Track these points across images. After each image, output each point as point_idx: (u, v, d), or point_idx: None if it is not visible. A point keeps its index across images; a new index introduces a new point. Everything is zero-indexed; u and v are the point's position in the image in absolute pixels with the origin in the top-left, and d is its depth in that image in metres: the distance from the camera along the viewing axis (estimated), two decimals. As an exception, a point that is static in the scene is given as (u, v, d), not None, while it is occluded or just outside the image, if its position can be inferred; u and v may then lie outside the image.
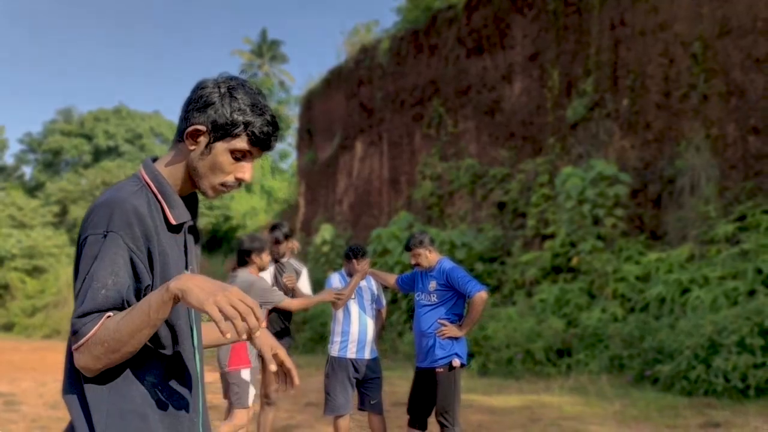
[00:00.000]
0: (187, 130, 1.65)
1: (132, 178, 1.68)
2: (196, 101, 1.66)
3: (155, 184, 1.65)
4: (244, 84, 1.69)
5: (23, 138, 54.43)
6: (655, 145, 12.65)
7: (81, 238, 1.55)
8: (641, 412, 7.71)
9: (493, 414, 8.05)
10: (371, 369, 5.49)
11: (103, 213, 1.54)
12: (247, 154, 1.68)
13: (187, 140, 1.66)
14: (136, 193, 1.60)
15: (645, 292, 11.01)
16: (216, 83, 1.67)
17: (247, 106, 1.64)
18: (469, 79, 17.89)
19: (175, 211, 1.66)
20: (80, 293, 1.49)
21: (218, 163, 1.66)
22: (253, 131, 1.64)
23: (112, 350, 1.47)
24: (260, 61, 55.62)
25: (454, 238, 15.13)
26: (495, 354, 11.76)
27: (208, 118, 1.64)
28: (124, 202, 1.55)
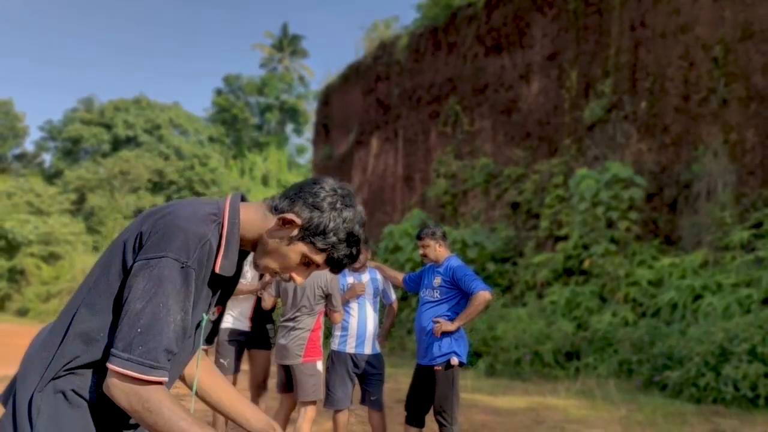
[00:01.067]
0: (285, 214, 1.65)
1: (214, 206, 1.66)
2: (309, 195, 1.68)
3: (228, 229, 1.63)
4: (356, 208, 1.72)
5: (44, 125, 54.96)
6: (672, 148, 12.49)
7: (154, 253, 1.49)
8: (647, 418, 7.61)
9: (497, 415, 7.98)
10: (371, 365, 5.43)
11: (187, 242, 1.51)
12: (314, 266, 1.72)
13: (278, 219, 1.67)
14: (213, 230, 1.59)
15: (657, 297, 10.88)
16: (334, 192, 1.70)
17: (346, 233, 1.68)
18: (486, 77, 17.79)
19: (225, 263, 1.62)
20: (157, 320, 1.45)
21: (288, 257, 1.69)
22: (334, 255, 1.69)
23: (143, 419, 1.44)
24: (281, 55, 55.83)
25: (466, 237, 15.05)
26: (503, 354, 11.68)
27: (310, 219, 1.66)
28: (205, 239, 1.55)
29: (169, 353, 1.47)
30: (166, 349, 1.46)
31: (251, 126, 55.18)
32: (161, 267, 1.47)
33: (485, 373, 11.66)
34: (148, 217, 1.59)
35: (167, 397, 1.46)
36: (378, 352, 5.53)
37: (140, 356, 1.43)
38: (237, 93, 55.68)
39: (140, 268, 1.48)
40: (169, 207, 1.61)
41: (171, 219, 1.54)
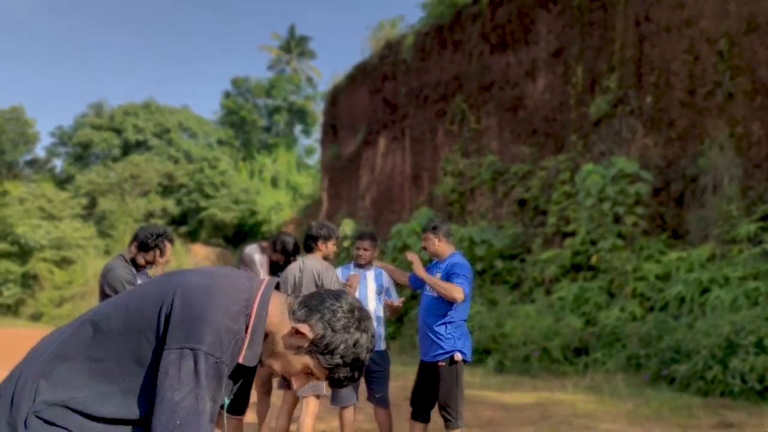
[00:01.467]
0: (299, 325, 1.69)
1: (246, 292, 1.69)
2: (327, 311, 1.71)
3: (255, 322, 1.67)
4: (368, 333, 1.74)
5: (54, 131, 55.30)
6: (678, 143, 12.48)
7: (188, 342, 1.54)
8: (654, 412, 7.63)
9: (505, 410, 8.02)
10: (375, 362, 5.47)
11: (220, 337, 1.57)
12: (314, 377, 1.75)
13: (292, 328, 1.71)
14: (242, 323, 1.64)
15: (665, 291, 10.87)
16: (351, 314, 1.72)
17: (352, 358, 1.70)
18: (492, 75, 17.81)
19: (249, 354, 1.67)
20: (195, 415, 1.52)
21: (292, 365, 1.73)
22: (335, 376, 1.72)
23: None
24: (288, 56, 55.94)
25: (473, 235, 15.08)
26: (512, 351, 11.71)
27: (322, 336, 1.69)
28: (237, 337, 1.61)
29: None
30: None
31: (260, 128, 55.33)
32: (197, 360, 1.53)
33: (494, 370, 11.69)
34: (173, 289, 1.62)
35: None
36: (382, 348, 5.57)
37: None
38: (245, 95, 55.82)
39: (177, 358, 1.53)
40: (195, 283, 1.64)
41: (205, 307, 1.59)
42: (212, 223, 43.68)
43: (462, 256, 5.34)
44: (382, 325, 5.64)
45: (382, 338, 5.59)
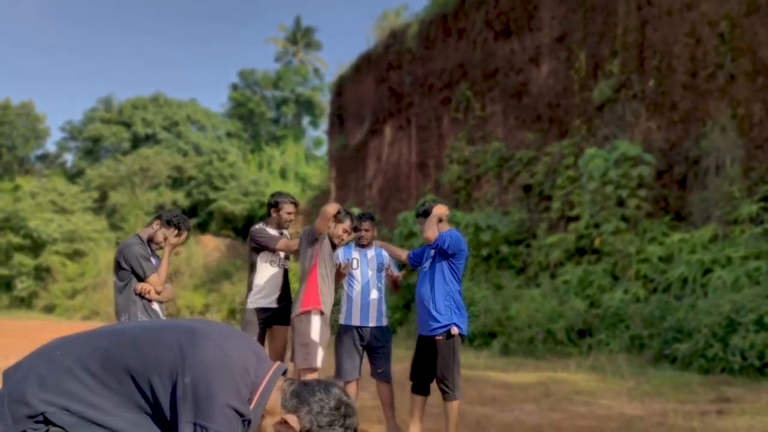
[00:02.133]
0: (287, 417, 1.86)
1: (254, 372, 1.86)
2: (315, 404, 1.87)
3: (256, 408, 1.85)
4: (351, 430, 1.90)
5: (64, 126, 55.72)
6: (681, 125, 12.54)
7: (200, 419, 1.71)
8: (654, 389, 7.75)
9: (508, 389, 8.17)
10: (377, 337, 5.62)
11: (230, 421, 1.74)
12: None
13: (281, 418, 1.87)
14: (247, 405, 1.81)
15: (667, 272, 10.97)
16: (337, 410, 1.88)
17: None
18: (496, 62, 17.87)
19: (252, 417, 1.84)
20: None
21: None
22: None
23: None
24: (295, 48, 56.01)
25: (479, 221, 15.19)
26: (517, 334, 11.84)
27: (308, 430, 1.86)
28: (245, 419, 1.78)
29: None
30: None
31: (268, 120, 55.50)
32: (221, 414, 1.71)
33: (499, 352, 11.83)
34: (185, 358, 1.79)
35: None
36: (384, 324, 5.72)
37: None
38: (253, 87, 55.97)
39: (187, 401, 1.72)
40: (209, 359, 1.79)
41: (217, 389, 1.75)
42: (222, 215, 43.92)
43: (456, 231, 5.43)
44: (383, 302, 5.78)
45: (383, 314, 5.74)
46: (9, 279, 35.87)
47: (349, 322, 5.56)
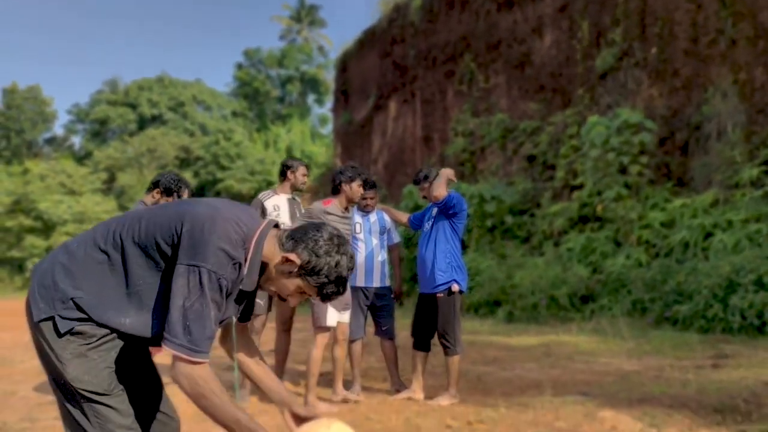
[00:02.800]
0: (288, 254, 2.03)
1: (245, 227, 2.02)
2: (310, 240, 2.05)
3: (252, 255, 2.02)
4: (347, 255, 2.09)
5: (71, 109, 56.02)
6: (683, 92, 12.56)
7: (194, 261, 1.88)
8: (654, 348, 7.90)
9: (510, 350, 8.35)
10: (380, 297, 5.83)
11: (220, 259, 1.90)
12: (306, 295, 2.12)
13: (282, 257, 2.04)
14: (241, 253, 1.98)
15: (669, 237, 11.07)
16: (331, 241, 2.06)
17: (336, 276, 2.06)
18: (499, 33, 17.86)
19: (248, 281, 2.04)
20: (201, 316, 1.87)
21: (286, 287, 2.08)
22: (325, 292, 2.07)
23: (199, 399, 1.90)
24: (299, 26, 55.89)
25: (483, 192, 15.29)
26: (521, 301, 12.00)
27: (308, 261, 2.03)
28: (236, 262, 1.95)
29: (210, 341, 1.91)
30: (209, 338, 1.89)
31: (273, 98, 55.54)
32: (202, 275, 1.87)
33: (504, 320, 12.00)
34: (182, 216, 1.96)
35: (213, 379, 1.90)
36: (387, 284, 5.92)
37: (189, 343, 1.86)
38: (258, 66, 55.96)
39: (185, 272, 1.88)
40: (203, 212, 1.97)
41: (209, 234, 1.92)
42: (229, 194, 44.15)
43: (456, 192, 5.58)
44: (386, 263, 5.97)
45: (386, 275, 5.93)
46: (21, 261, 36.30)
47: (353, 283, 5.74)
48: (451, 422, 4.59)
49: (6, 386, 6.43)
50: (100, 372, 1.94)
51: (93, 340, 1.94)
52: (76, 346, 1.92)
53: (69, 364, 1.91)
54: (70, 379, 1.92)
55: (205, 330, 1.87)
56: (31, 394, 6.03)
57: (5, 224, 35.93)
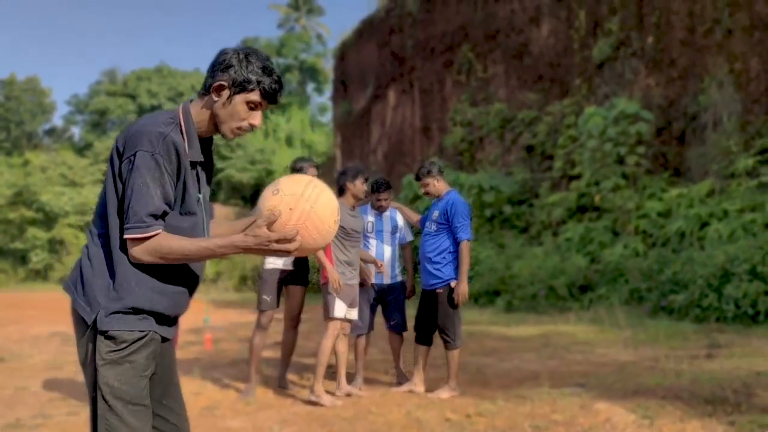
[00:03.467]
0: (213, 84, 2.14)
1: (169, 112, 2.18)
2: (220, 63, 2.16)
3: (185, 125, 2.15)
4: (257, 52, 2.19)
5: (70, 100, 55.99)
6: (679, 82, 12.66)
7: (129, 152, 2.02)
8: (650, 337, 8.06)
9: (509, 341, 8.50)
10: (389, 292, 5.99)
11: (151, 139, 2.01)
12: (258, 105, 2.18)
13: (213, 93, 2.16)
14: (172, 127, 2.08)
15: (666, 227, 11.22)
16: (235, 51, 2.17)
17: (259, 68, 2.15)
18: (497, 22, 17.92)
19: (192, 151, 2.14)
20: (141, 195, 1.98)
21: (236, 112, 2.16)
22: (264, 87, 2.15)
23: (171, 259, 2.03)
24: (297, 14, 55.69)
25: (482, 182, 15.43)
26: (520, 291, 12.16)
27: (230, 77, 2.13)
28: (167, 136, 2.04)
29: (155, 215, 2.00)
30: (151, 214, 1.99)
31: (272, 88, 55.47)
32: (137, 159, 1.99)
33: (503, 309, 12.17)
34: (120, 134, 2.12)
35: (169, 238, 2.02)
36: (397, 281, 6.06)
37: (135, 223, 1.98)
38: (256, 55, 55.84)
39: (125, 167, 2.02)
40: (134, 122, 2.13)
41: (136, 128, 2.06)
42: (230, 184, 44.28)
43: (456, 192, 5.72)
44: (397, 260, 6.09)
45: (397, 272, 6.06)
46: (24, 252, 36.44)
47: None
48: (450, 415, 4.74)
49: (17, 381, 6.57)
50: (129, 379, 2.05)
51: (124, 347, 2.05)
52: (109, 352, 2.05)
53: (102, 367, 2.04)
54: (100, 380, 2.04)
55: (147, 206, 1.98)
56: (42, 390, 6.17)
57: (7, 216, 36.04)
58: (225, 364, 7.43)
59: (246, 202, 43.75)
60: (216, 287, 24.11)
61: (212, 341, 8.84)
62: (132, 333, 2.06)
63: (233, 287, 24.27)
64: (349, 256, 5.44)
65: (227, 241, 2.02)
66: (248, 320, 12.65)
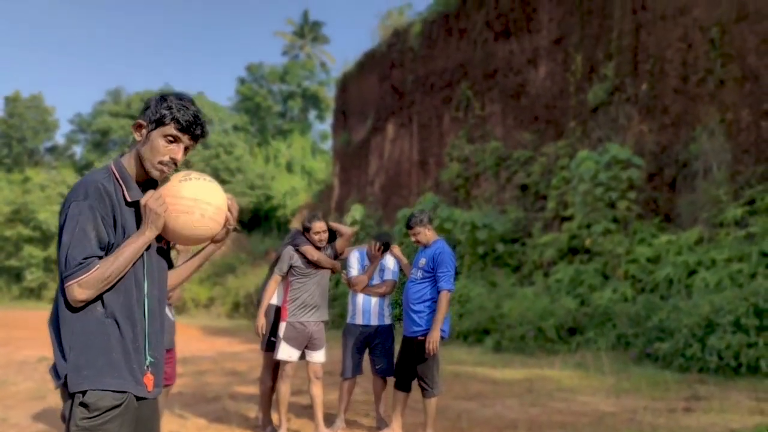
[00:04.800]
0: (132, 125, 2.33)
1: (103, 167, 2.33)
2: (143, 108, 2.33)
3: (118, 173, 2.29)
4: (177, 94, 2.34)
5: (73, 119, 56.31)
6: (671, 129, 12.84)
7: (66, 205, 2.16)
8: (633, 386, 8.10)
9: (493, 384, 8.53)
10: (377, 336, 6.00)
11: (83, 189, 2.17)
12: (177, 140, 2.29)
13: (135, 133, 2.32)
14: (106, 178, 2.24)
15: (655, 273, 11.30)
16: (157, 94, 2.35)
17: (174, 105, 2.28)
18: (496, 62, 18.17)
19: (131, 192, 2.27)
20: (74, 241, 2.10)
21: (155, 147, 2.27)
22: (177, 119, 2.26)
23: (110, 282, 2.13)
24: (302, 42, 56.28)
25: (476, 220, 15.52)
26: (509, 331, 12.19)
27: (147, 115, 2.30)
28: (97, 183, 2.19)
29: (90, 256, 2.11)
30: (88, 255, 2.10)
31: (274, 114, 55.85)
32: (71, 209, 2.14)
33: (492, 349, 12.19)
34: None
35: (96, 267, 2.11)
36: (386, 323, 6.08)
37: (74, 268, 2.09)
38: (260, 81, 56.30)
39: (60, 221, 2.15)
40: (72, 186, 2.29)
41: (72, 189, 2.21)
42: (228, 208, 44.31)
43: (444, 242, 5.79)
44: (386, 302, 6.10)
45: (386, 315, 6.08)
46: (19, 270, 36.48)
47: (353, 321, 5.97)
48: (424, 466, 4.78)
49: (-1, 412, 6.58)
50: None
51: (97, 414, 2.09)
52: (83, 418, 2.09)
53: None
54: None
55: (85, 250, 2.10)
56: (24, 422, 6.18)
57: (4, 233, 36.16)
58: (210, 399, 7.45)
59: (244, 227, 43.81)
60: (208, 313, 24.10)
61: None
62: (105, 399, 2.10)
63: (225, 314, 24.24)
64: (303, 296, 5.58)
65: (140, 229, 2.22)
66: (236, 350, 12.67)
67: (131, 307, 2.23)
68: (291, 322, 5.53)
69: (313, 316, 5.60)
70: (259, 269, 25.58)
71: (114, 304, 2.18)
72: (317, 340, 5.60)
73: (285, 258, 5.67)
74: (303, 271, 5.63)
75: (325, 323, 5.76)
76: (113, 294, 2.18)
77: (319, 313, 5.64)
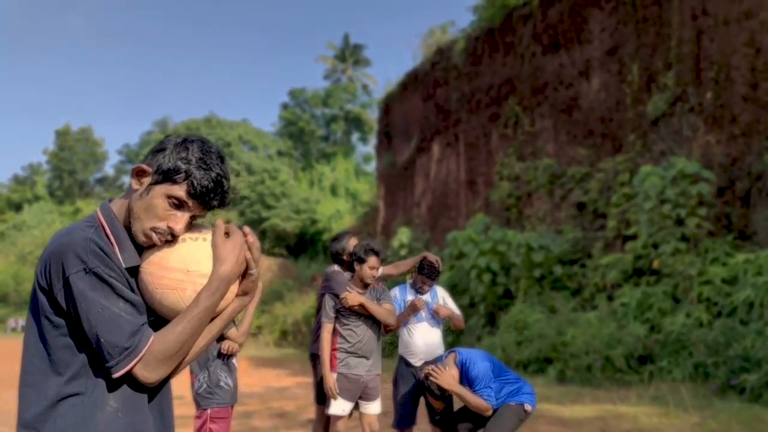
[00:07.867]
0: (134, 168, 1.69)
1: (86, 219, 1.70)
2: (154, 148, 1.70)
3: (109, 226, 1.67)
4: (204, 141, 1.72)
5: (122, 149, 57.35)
6: (742, 139, 11.97)
7: (58, 283, 1.57)
8: (721, 425, 7.29)
9: (563, 425, 7.81)
10: None
11: (75, 253, 1.56)
12: (184, 205, 1.68)
13: (132, 179, 1.70)
14: (93, 233, 1.62)
15: (732, 295, 10.42)
16: (177, 135, 1.72)
17: (196, 158, 1.67)
18: (545, 76, 17.50)
19: (125, 255, 1.66)
20: (107, 324, 1.55)
21: (153, 206, 1.66)
22: (192, 181, 1.65)
23: (182, 352, 1.61)
24: (344, 65, 56.43)
25: (531, 241, 14.79)
26: (573, 361, 11.43)
27: (157, 161, 1.67)
28: (87, 240, 1.58)
29: (132, 336, 1.56)
30: (132, 332, 1.56)
31: (318, 137, 55.94)
32: (73, 286, 1.54)
33: (556, 380, 11.43)
34: (38, 261, 1.63)
35: (160, 338, 1.59)
36: None
37: (119, 355, 1.55)
38: (303, 106, 56.54)
39: (65, 299, 1.56)
40: (49, 242, 1.64)
41: (52, 248, 1.59)
42: (274, 233, 44.29)
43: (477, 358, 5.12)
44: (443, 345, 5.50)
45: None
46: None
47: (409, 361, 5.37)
48: None
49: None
50: None
51: None
52: None
53: None
54: None
55: (123, 328, 1.55)
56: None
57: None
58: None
59: (290, 252, 43.68)
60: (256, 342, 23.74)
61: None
62: None
63: (273, 342, 23.84)
64: (352, 341, 4.91)
65: (209, 281, 1.64)
66: (285, 385, 12.15)
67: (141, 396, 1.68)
68: (343, 373, 4.90)
69: (366, 367, 4.94)
70: (306, 296, 25.16)
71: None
72: (372, 390, 4.98)
73: (327, 306, 5.01)
74: (349, 317, 4.97)
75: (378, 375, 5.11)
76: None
77: (372, 362, 4.98)
